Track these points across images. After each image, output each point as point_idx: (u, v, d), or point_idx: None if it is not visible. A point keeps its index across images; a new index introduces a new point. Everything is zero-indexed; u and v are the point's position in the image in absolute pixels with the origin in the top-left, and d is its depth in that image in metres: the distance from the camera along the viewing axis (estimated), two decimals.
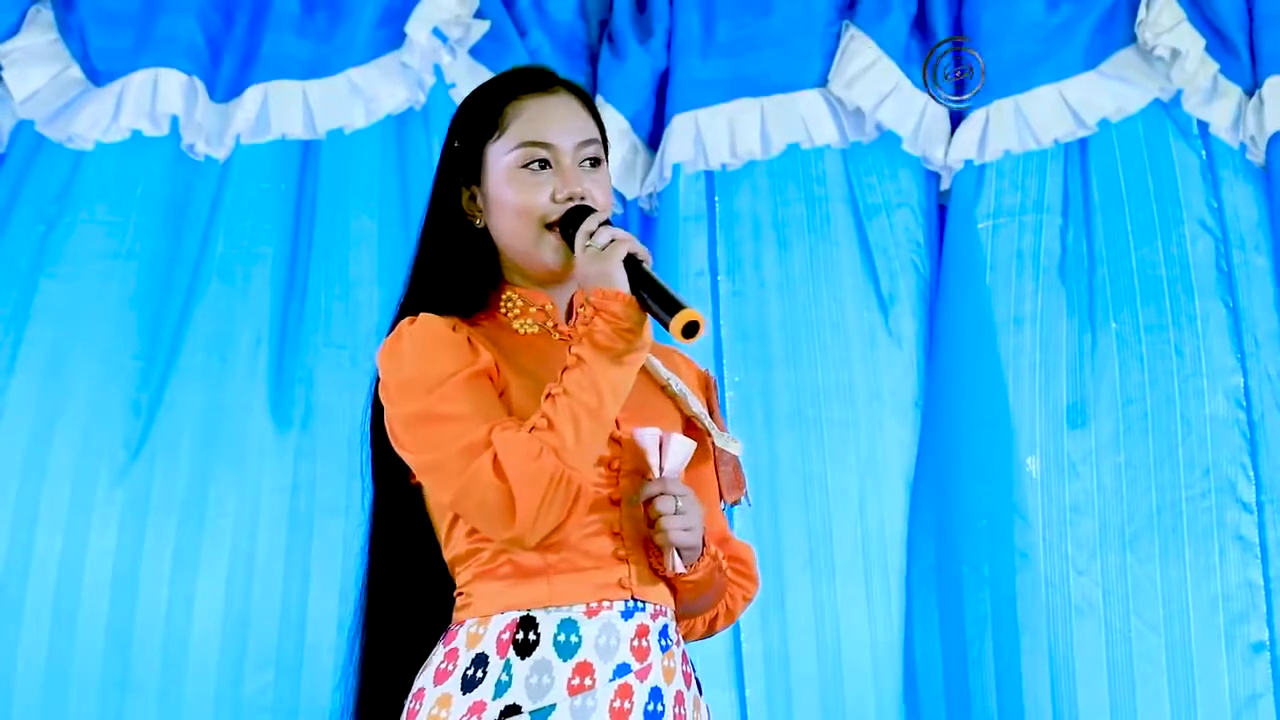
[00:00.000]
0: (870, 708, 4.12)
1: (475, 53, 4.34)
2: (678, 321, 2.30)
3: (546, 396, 2.33)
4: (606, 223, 2.43)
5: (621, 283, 2.36)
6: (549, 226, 2.48)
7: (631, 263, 2.38)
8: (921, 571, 4.16)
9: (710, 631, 2.67)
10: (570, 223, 2.45)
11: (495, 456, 2.29)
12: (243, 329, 4.20)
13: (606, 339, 2.35)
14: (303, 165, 4.31)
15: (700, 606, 2.58)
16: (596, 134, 2.55)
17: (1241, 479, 4.09)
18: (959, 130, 4.28)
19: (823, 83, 4.33)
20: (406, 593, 2.52)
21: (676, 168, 4.30)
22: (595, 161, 2.53)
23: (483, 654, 2.37)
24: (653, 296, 2.34)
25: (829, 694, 4.11)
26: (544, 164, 2.50)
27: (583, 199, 2.48)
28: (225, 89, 4.31)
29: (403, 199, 4.27)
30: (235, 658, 4.06)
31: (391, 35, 4.31)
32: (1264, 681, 4.00)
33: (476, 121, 2.54)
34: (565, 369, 2.35)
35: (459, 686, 2.36)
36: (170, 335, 4.19)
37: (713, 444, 2.58)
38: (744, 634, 4.12)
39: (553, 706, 2.32)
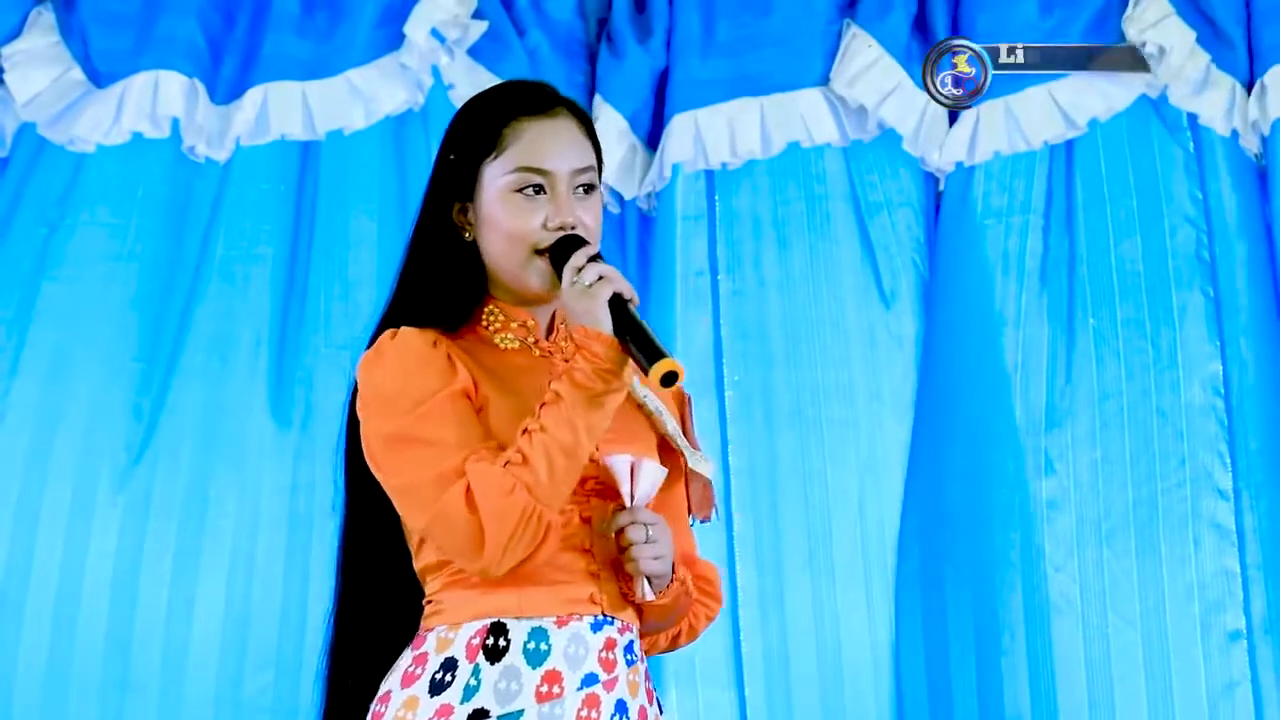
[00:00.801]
0: (870, 708, 4.12)
1: (474, 53, 4.34)
2: (656, 370, 2.32)
3: (523, 432, 2.35)
4: (597, 256, 2.43)
5: (605, 323, 2.37)
6: (539, 252, 2.48)
7: (617, 303, 2.38)
8: (908, 569, 4.17)
9: (672, 647, 2.68)
10: (561, 252, 2.46)
11: (468, 488, 2.31)
12: (243, 330, 4.21)
13: (586, 378, 2.35)
14: (302, 166, 4.32)
15: (664, 625, 2.60)
16: (593, 159, 2.54)
17: (1218, 467, 4.10)
18: (951, 131, 4.29)
19: (823, 81, 4.33)
20: (377, 600, 2.52)
21: (676, 167, 4.30)
22: (589, 188, 2.52)
23: (452, 658, 2.38)
24: (635, 341, 2.36)
25: (828, 694, 4.12)
26: (538, 189, 2.49)
27: (574, 228, 2.48)
28: (226, 90, 4.32)
29: (401, 200, 4.28)
30: (235, 659, 4.07)
31: (391, 36, 4.32)
32: (1241, 670, 4.01)
33: (474, 138, 2.53)
34: (543, 405, 2.36)
35: (426, 689, 2.37)
36: (171, 337, 4.20)
37: (685, 464, 2.58)
38: (744, 634, 4.14)
39: (520, 712, 2.33)
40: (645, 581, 2.43)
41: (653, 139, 4.39)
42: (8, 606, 4.06)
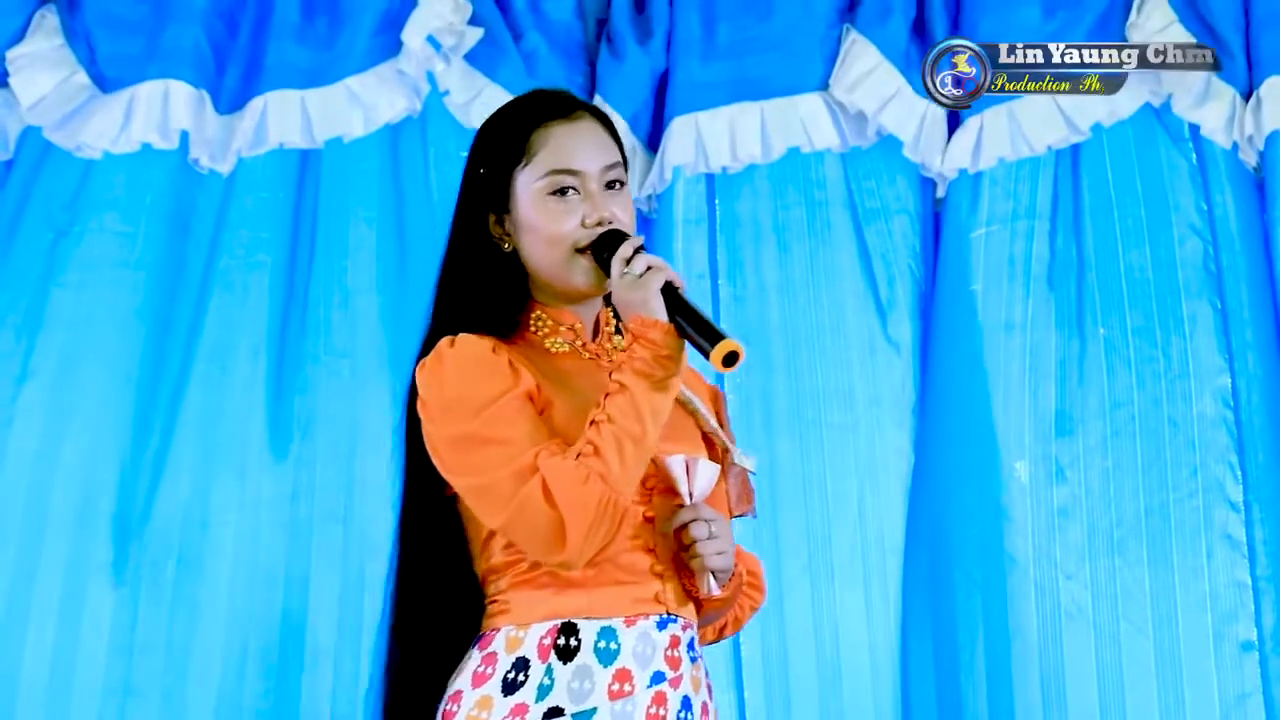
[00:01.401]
0: (868, 711, 4.13)
1: (471, 58, 4.34)
2: (719, 351, 2.35)
3: (591, 423, 2.38)
4: (641, 247, 2.47)
5: (660, 311, 2.41)
6: (580, 251, 2.53)
7: (669, 290, 2.42)
8: (916, 576, 4.19)
9: (719, 638, 2.73)
10: (603, 247, 2.50)
11: (544, 482, 2.34)
12: (243, 338, 4.20)
13: (646, 366, 2.39)
14: (301, 174, 4.31)
15: (716, 618, 2.65)
16: (618, 156, 2.59)
17: (1229, 479, 4.11)
18: (954, 138, 4.30)
19: (823, 86, 4.35)
20: (437, 601, 2.54)
21: (676, 170, 4.31)
22: (619, 184, 2.57)
23: (523, 658, 2.41)
24: (692, 325, 2.39)
25: (827, 697, 4.13)
26: (571, 190, 2.54)
27: (610, 223, 2.53)
28: (230, 100, 4.31)
29: (399, 206, 4.28)
30: (237, 663, 4.06)
31: (389, 43, 4.32)
32: (1253, 681, 4.02)
33: (503, 149, 2.57)
34: (607, 395, 2.40)
35: (499, 689, 2.40)
36: (174, 345, 4.19)
37: (729, 459, 2.62)
38: (743, 636, 4.14)
39: (594, 710, 2.37)
40: (710, 577, 2.47)
41: (652, 140, 4.40)
42: (12, 611, 4.03)
